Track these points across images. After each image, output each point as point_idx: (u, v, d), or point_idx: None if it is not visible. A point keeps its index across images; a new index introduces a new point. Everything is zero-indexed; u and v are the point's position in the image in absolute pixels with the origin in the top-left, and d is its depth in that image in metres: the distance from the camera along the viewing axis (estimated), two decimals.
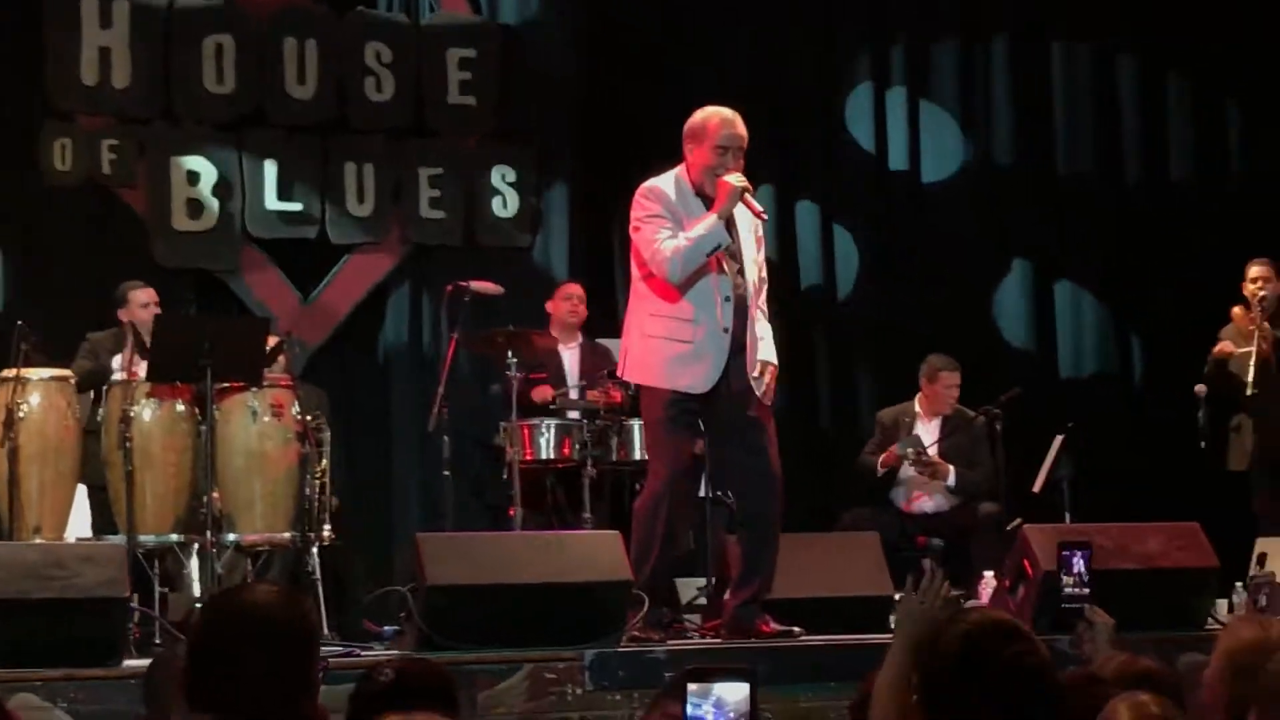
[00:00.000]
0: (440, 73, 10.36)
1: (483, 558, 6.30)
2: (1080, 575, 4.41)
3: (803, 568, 7.28)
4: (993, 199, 11.20)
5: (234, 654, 2.91)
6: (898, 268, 11.02)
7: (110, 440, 7.47)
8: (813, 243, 10.93)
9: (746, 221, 6.66)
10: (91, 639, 5.68)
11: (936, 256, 10.99)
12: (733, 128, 6.59)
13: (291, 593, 3.21)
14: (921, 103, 11.15)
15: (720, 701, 2.32)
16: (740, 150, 6.59)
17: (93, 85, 9.77)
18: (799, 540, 7.83)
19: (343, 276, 10.23)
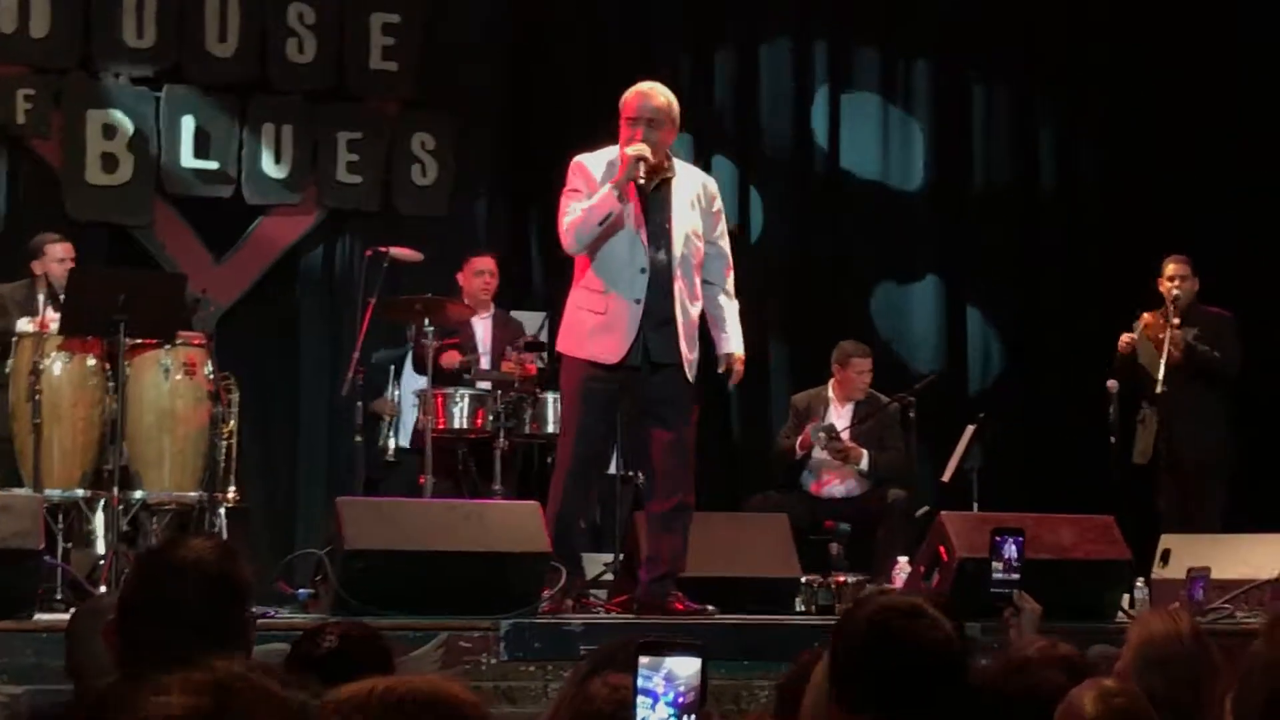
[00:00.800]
0: (363, 36, 10.28)
1: (402, 524, 6.28)
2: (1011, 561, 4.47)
3: (713, 547, 7.32)
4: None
5: (169, 605, 2.90)
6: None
7: (19, 392, 7.39)
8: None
9: (687, 195, 6.67)
10: (4, 591, 5.60)
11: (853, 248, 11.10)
12: (646, 99, 6.59)
13: (226, 546, 3.20)
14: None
15: (671, 675, 2.30)
16: (656, 122, 6.56)
17: (10, 33, 9.62)
18: (709, 519, 7.86)
19: (256, 237, 10.13)
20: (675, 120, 6.68)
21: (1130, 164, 11.27)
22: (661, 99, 6.62)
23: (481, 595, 6.03)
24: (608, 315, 6.52)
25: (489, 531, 6.25)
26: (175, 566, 2.98)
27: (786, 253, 10.98)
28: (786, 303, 10.81)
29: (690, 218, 6.65)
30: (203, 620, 2.90)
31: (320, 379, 9.94)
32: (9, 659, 5.37)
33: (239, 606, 3.03)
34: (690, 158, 10.29)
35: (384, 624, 5.76)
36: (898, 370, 10.23)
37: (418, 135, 10.36)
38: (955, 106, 11.31)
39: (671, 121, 6.65)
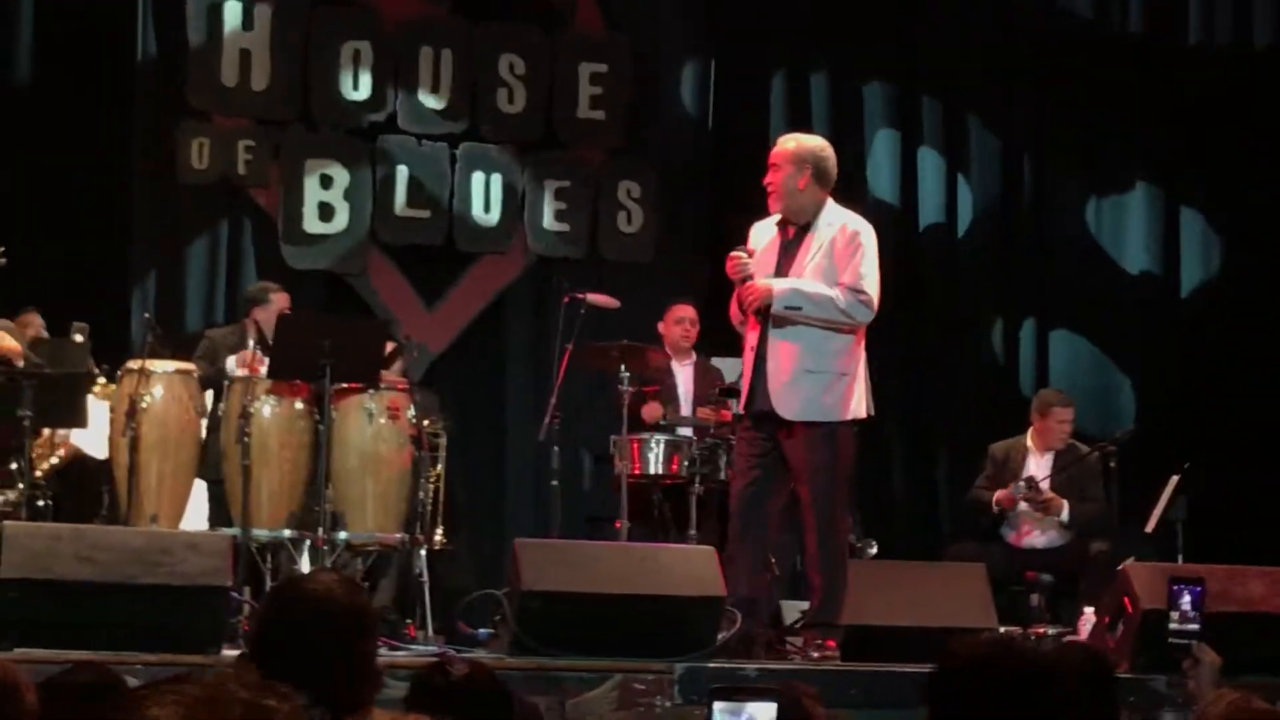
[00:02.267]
0: (572, 86, 10.45)
1: (578, 566, 6.34)
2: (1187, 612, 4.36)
3: (907, 596, 7.25)
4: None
5: (299, 639, 2.96)
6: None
7: (229, 435, 7.60)
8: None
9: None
10: (192, 626, 5.77)
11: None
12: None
13: (349, 581, 3.26)
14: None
15: (752, 718, 2.36)
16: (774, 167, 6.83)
17: (232, 86, 9.97)
18: (904, 568, 7.82)
19: (467, 284, 10.34)
20: (795, 159, 6.72)
21: None
22: (781, 146, 6.84)
23: (655, 638, 6.05)
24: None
25: (664, 575, 6.28)
26: (304, 600, 3.03)
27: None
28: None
29: (815, 265, 6.67)
30: (332, 653, 2.95)
31: (526, 424, 10.08)
32: None
33: (368, 639, 3.08)
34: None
35: (559, 665, 5.86)
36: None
37: (624, 183, 10.49)
38: None
39: (784, 164, 6.72)
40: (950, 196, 11.09)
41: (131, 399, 7.49)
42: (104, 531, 6.81)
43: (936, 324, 10.98)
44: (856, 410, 6.69)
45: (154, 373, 7.61)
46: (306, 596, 3.04)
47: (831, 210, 6.75)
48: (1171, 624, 4.44)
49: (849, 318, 6.59)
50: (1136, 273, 11.30)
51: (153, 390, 7.56)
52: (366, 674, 3.00)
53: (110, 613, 5.71)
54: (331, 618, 2.99)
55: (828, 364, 6.60)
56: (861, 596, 7.12)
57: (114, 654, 5.44)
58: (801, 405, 6.57)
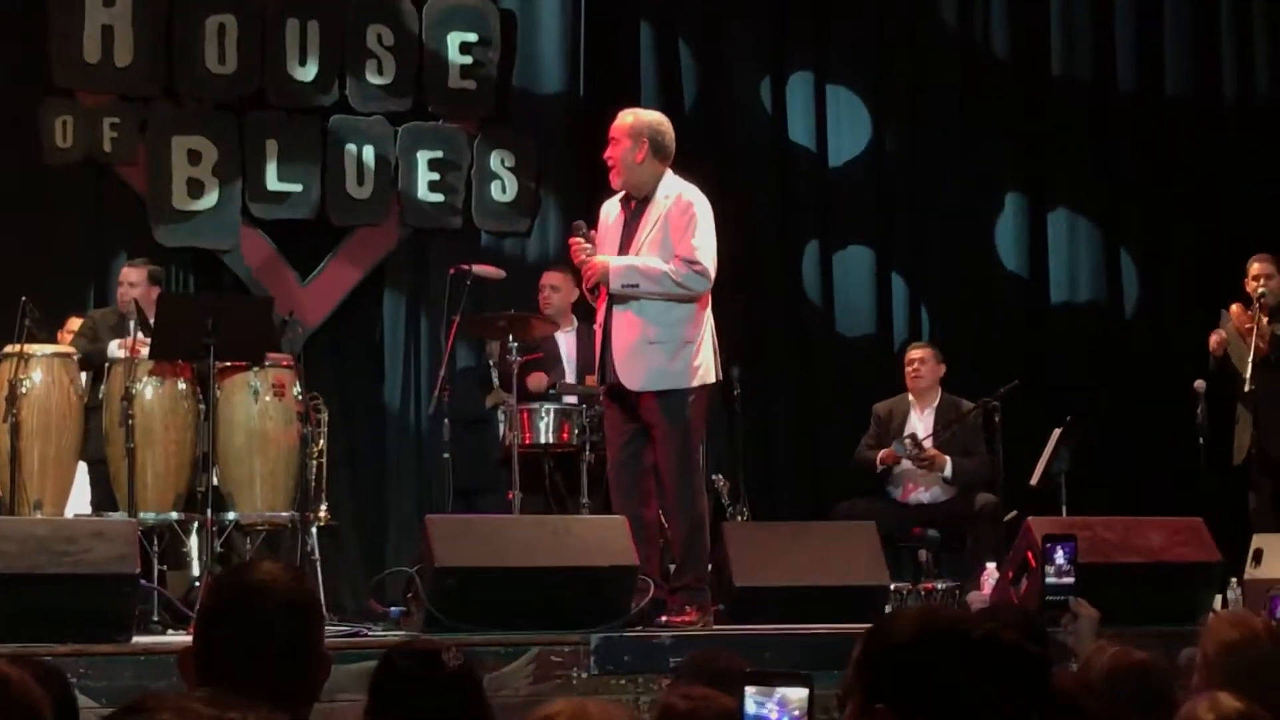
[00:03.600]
0: (442, 57, 10.37)
1: (491, 540, 6.33)
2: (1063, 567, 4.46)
3: (800, 556, 7.33)
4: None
5: (247, 629, 2.90)
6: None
7: (112, 417, 7.50)
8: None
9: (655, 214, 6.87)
10: (102, 614, 5.69)
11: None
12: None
13: (292, 567, 3.21)
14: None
15: (784, 701, 2.41)
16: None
17: (95, 63, 9.76)
18: (796, 529, 7.89)
19: (341, 257, 10.24)
20: (633, 133, 6.86)
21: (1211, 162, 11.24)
22: (619, 120, 6.94)
23: (571, 610, 6.07)
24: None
25: (577, 546, 6.29)
26: (251, 589, 2.93)
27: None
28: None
29: (657, 236, 6.79)
30: (283, 642, 2.90)
31: (406, 397, 10.04)
32: (108, 681, 5.45)
33: (316, 626, 3.03)
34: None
35: (476, 640, 5.85)
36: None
37: (497, 153, 10.43)
38: None
39: (623, 137, 6.86)
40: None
41: (11, 384, 7.36)
42: (7, 522, 6.69)
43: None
44: (705, 376, 6.85)
45: (33, 356, 7.49)
46: (250, 586, 2.97)
47: (669, 182, 6.89)
48: (1048, 579, 4.53)
49: (686, 289, 6.74)
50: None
51: (32, 374, 7.45)
52: (316, 661, 2.95)
53: (18, 603, 5.61)
54: (277, 607, 2.93)
55: (671, 333, 6.75)
56: (756, 558, 7.20)
57: (23, 645, 5.36)
58: (646, 375, 6.73)
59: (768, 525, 8.52)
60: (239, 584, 2.99)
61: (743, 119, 10.95)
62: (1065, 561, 4.71)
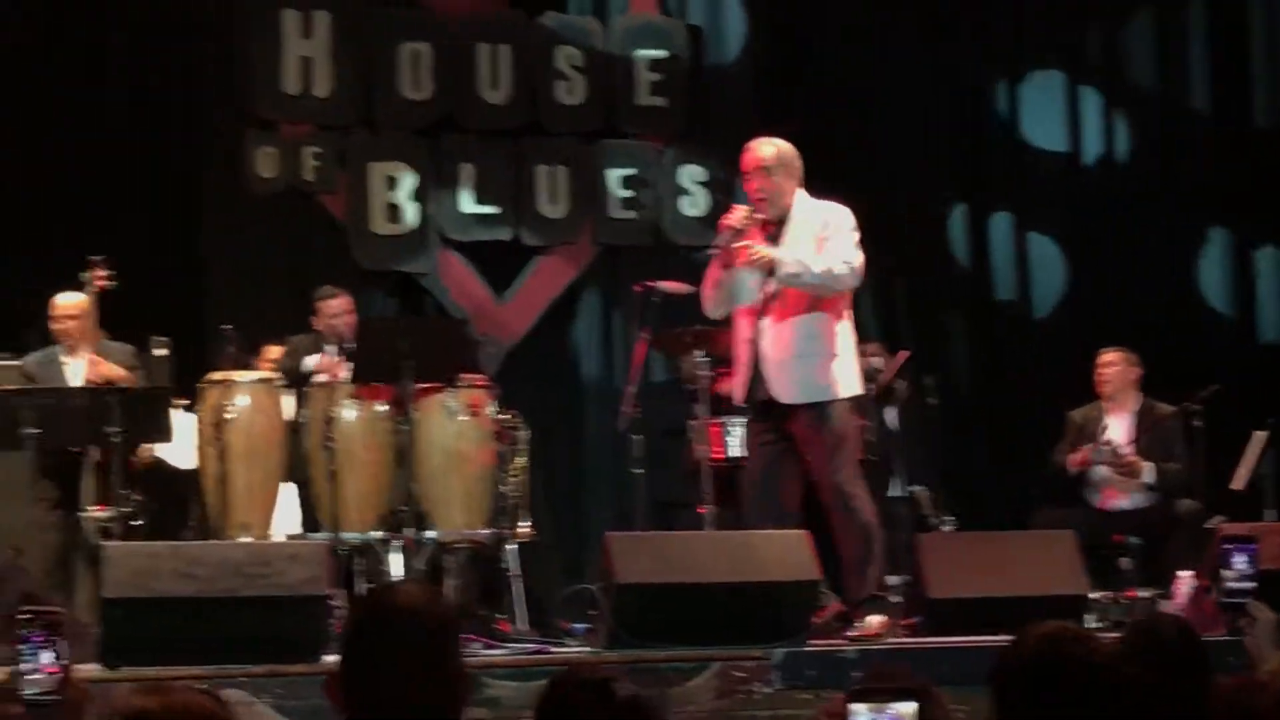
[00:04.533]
0: (630, 74, 10.47)
1: (671, 557, 6.38)
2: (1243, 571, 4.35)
3: (998, 566, 7.24)
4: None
5: (388, 651, 2.96)
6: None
7: (314, 440, 7.67)
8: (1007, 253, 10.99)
9: (801, 232, 6.88)
10: (294, 636, 5.85)
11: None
12: (742, 157, 7.04)
13: (431, 589, 3.27)
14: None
15: (897, 716, 2.39)
16: (749, 175, 6.95)
17: (295, 94, 10.05)
18: (993, 538, 7.80)
19: (536, 277, 10.39)
20: (782, 163, 6.91)
21: None
22: (759, 152, 6.94)
23: (752, 625, 6.08)
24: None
25: (758, 561, 6.31)
26: (390, 612, 3.00)
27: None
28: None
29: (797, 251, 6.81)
30: (420, 664, 2.95)
31: (602, 413, 10.12)
32: (301, 700, 5.59)
33: (454, 647, 3.07)
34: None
35: (658, 656, 5.90)
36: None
37: (686, 168, 10.52)
38: None
39: (776, 168, 6.89)
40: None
41: (216, 410, 7.56)
42: (202, 546, 6.91)
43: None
44: (851, 388, 6.90)
45: (237, 383, 7.69)
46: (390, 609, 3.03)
47: (803, 198, 6.97)
48: (1227, 583, 4.43)
49: (841, 285, 6.84)
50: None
51: (236, 400, 7.63)
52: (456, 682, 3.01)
53: (213, 627, 5.79)
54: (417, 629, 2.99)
55: (818, 347, 6.81)
56: (951, 569, 7.14)
57: (219, 668, 5.54)
58: (800, 388, 6.77)
59: (964, 535, 8.45)
60: (379, 606, 3.06)
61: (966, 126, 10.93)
62: (1246, 566, 4.60)
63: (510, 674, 5.76)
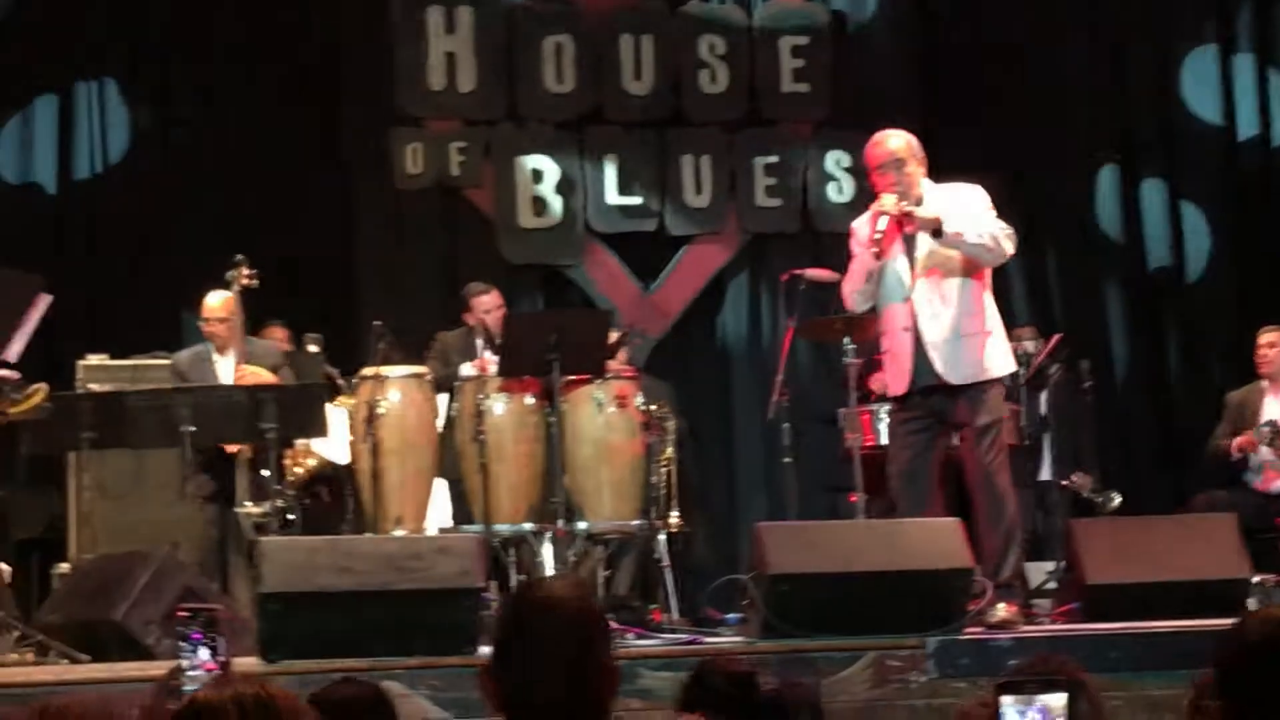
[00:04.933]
0: (773, 62, 10.44)
1: (822, 546, 6.34)
2: None
3: (1155, 551, 7.12)
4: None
5: (537, 645, 2.98)
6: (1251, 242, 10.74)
7: (464, 435, 7.72)
8: (1160, 222, 10.77)
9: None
10: (449, 627, 5.89)
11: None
12: (870, 151, 6.90)
13: (580, 585, 3.28)
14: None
15: (1046, 708, 2.34)
16: (885, 168, 6.79)
17: (439, 90, 10.13)
18: (1150, 523, 7.67)
19: (682, 267, 10.40)
20: (911, 155, 6.79)
21: None
22: (886, 146, 6.81)
23: (906, 613, 6.03)
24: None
25: (910, 549, 6.25)
26: (538, 607, 3.04)
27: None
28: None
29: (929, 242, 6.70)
30: (568, 659, 2.96)
31: (751, 402, 10.11)
32: (458, 692, 5.63)
33: (602, 643, 3.09)
34: None
35: (811, 646, 5.87)
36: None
37: (832, 154, 10.46)
38: None
39: (907, 160, 6.76)
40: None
41: (369, 405, 7.64)
42: (357, 541, 6.99)
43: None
44: (1007, 365, 6.86)
45: (389, 378, 7.76)
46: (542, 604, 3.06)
47: (929, 187, 6.86)
48: None
49: (1000, 250, 6.73)
50: None
51: (389, 395, 7.70)
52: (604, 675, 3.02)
53: (370, 620, 5.83)
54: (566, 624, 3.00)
55: (976, 325, 6.73)
56: (1108, 554, 7.03)
57: (376, 660, 5.59)
58: (966, 369, 6.70)
59: (1120, 520, 8.32)
60: (527, 601, 3.09)
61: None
62: None
63: (664, 664, 5.75)
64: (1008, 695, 2.34)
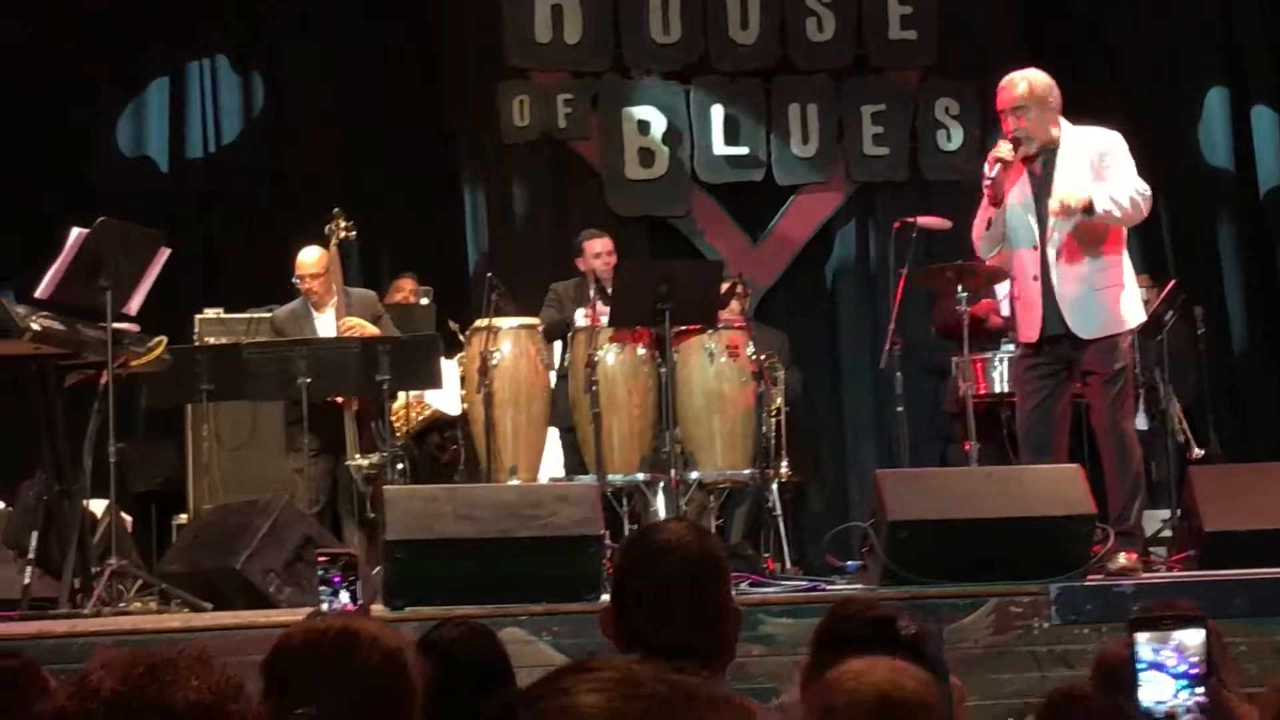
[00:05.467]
0: (881, 8, 10.36)
1: (942, 493, 6.31)
2: None
3: (1273, 498, 7.05)
4: None
5: (656, 590, 2.98)
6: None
7: (577, 384, 7.76)
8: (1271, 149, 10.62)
9: (1073, 161, 6.68)
10: (570, 575, 5.92)
11: None
12: (1000, 95, 6.79)
13: (699, 527, 3.28)
14: None
15: (1181, 647, 2.30)
16: (1018, 111, 6.69)
17: (546, 42, 10.13)
18: (1267, 469, 7.59)
19: (790, 217, 10.35)
20: (1036, 98, 6.67)
21: None
22: (1013, 91, 6.70)
23: (1027, 560, 6.00)
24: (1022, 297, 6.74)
25: (1031, 496, 6.22)
26: (657, 551, 3.03)
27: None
28: None
29: (1075, 182, 6.57)
30: (688, 600, 2.95)
31: (861, 351, 10.07)
32: (580, 639, 5.66)
33: (722, 584, 3.09)
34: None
35: (932, 592, 5.86)
36: None
37: (940, 101, 10.38)
38: None
39: (1030, 104, 6.66)
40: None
41: (482, 356, 7.69)
42: (478, 489, 7.03)
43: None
44: (1137, 317, 6.81)
45: (500, 329, 7.80)
46: (659, 547, 3.05)
47: (1069, 128, 6.75)
48: None
49: (1141, 214, 6.67)
50: None
51: (501, 347, 7.75)
52: (724, 616, 3.02)
53: (491, 567, 5.86)
54: (684, 565, 3.00)
55: (1108, 279, 6.68)
56: (1225, 501, 6.96)
57: (499, 607, 5.63)
58: (1098, 322, 6.65)
59: (1236, 468, 8.23)
60: (645, 545, 3.10)
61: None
62: None
63: (785, 611, 5.77)
64: (1142, 632, 2.29)
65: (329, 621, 2.77)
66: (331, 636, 2.68)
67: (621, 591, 3.05)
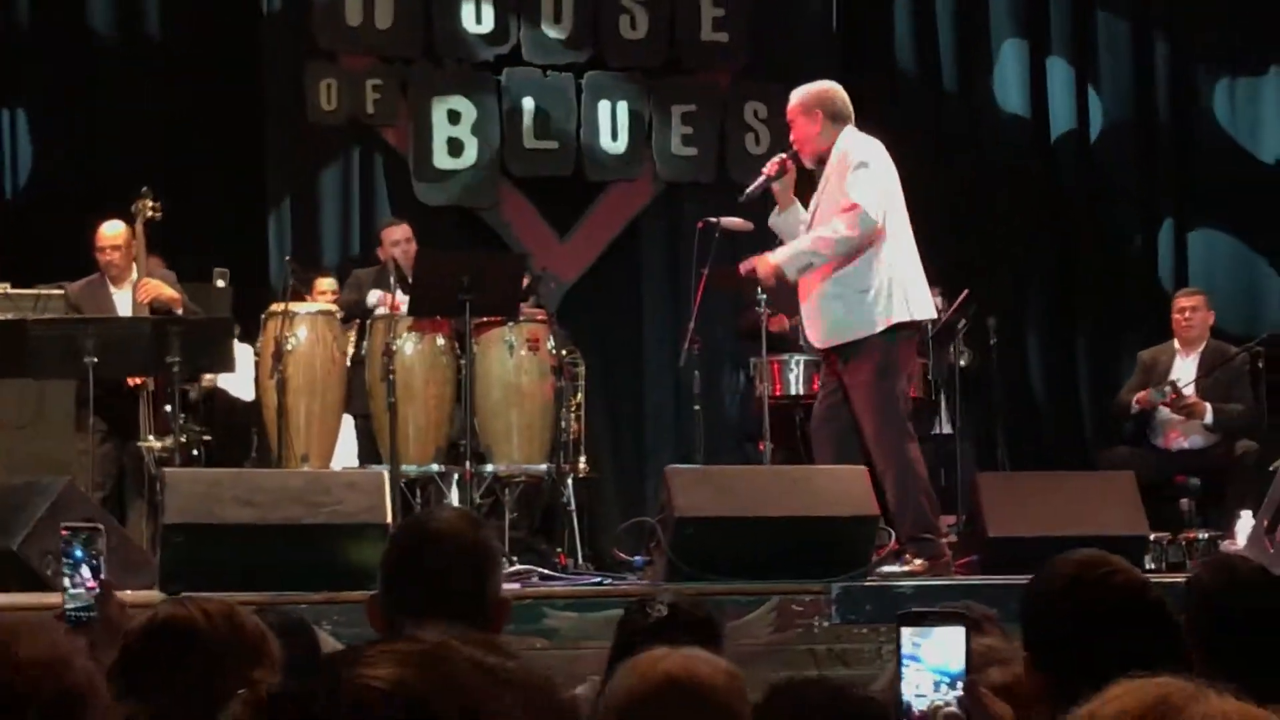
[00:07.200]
0: (694, 10, 10.40)
1: (731, 491, 6.36)
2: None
3: (1056, 506, 7.20)
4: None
5: (427, 576, 2.94)
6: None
7: (374, 373, 7.68)
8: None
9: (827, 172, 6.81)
10: (355, 563, 5.85)
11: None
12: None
13: (471, 515, 3.26)
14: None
15: (941, 644, 2.37)
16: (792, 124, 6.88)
17: (356, 26, 10.02)
18: (1052, 478, 7.76)
19: (598, 213, 10.36)
20: (804, 109, 6.84)
21: None
22: (789, 103, 6.91)
23: (811, 560, 6.07)
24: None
25: (817, 496, 6.28)
26: (427, 537, 3.00)
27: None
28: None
29: (826, 195, 6.74)
30: (460, 588, 2.93)
31: (663, 349, 10.11)
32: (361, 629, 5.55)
33: (493, 572, 3.06)
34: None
35: (716, 589, 5.89)
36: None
37: (750, 104, 10.45)
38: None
39: (796, 116, 6.85)
40: (1081, 103, 10.97)
41: (277, 341, 7.59)
42: (263, 474, 6.93)
43: (1077, 233, 10.91)
44: (893, 318, 6.66)
45: (297, 314, 7.70)
46: (430, 534, 3.02)
47: (841, 139, 6.81)
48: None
49: (851, 238, 6.61)
50: (1273, 161, 11.12)
51: (297, 332, 7.65)
52: (493, 606, 3.00)
53: (274, 554, 5.79)
54: (452, 553, 2.97)
55: (846, 285, 6.66)
56: (1010, 508, 7.10)
57: (279, 594, 5.54)
58: (827, 329, 6.70)
59: (1022, 475, 8.41)
60: (416, 532, 3.06)
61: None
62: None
63: (570, 605, 5.76)
64: (908, 626, 2.36)
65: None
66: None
67: (389, 578, 2.99)
